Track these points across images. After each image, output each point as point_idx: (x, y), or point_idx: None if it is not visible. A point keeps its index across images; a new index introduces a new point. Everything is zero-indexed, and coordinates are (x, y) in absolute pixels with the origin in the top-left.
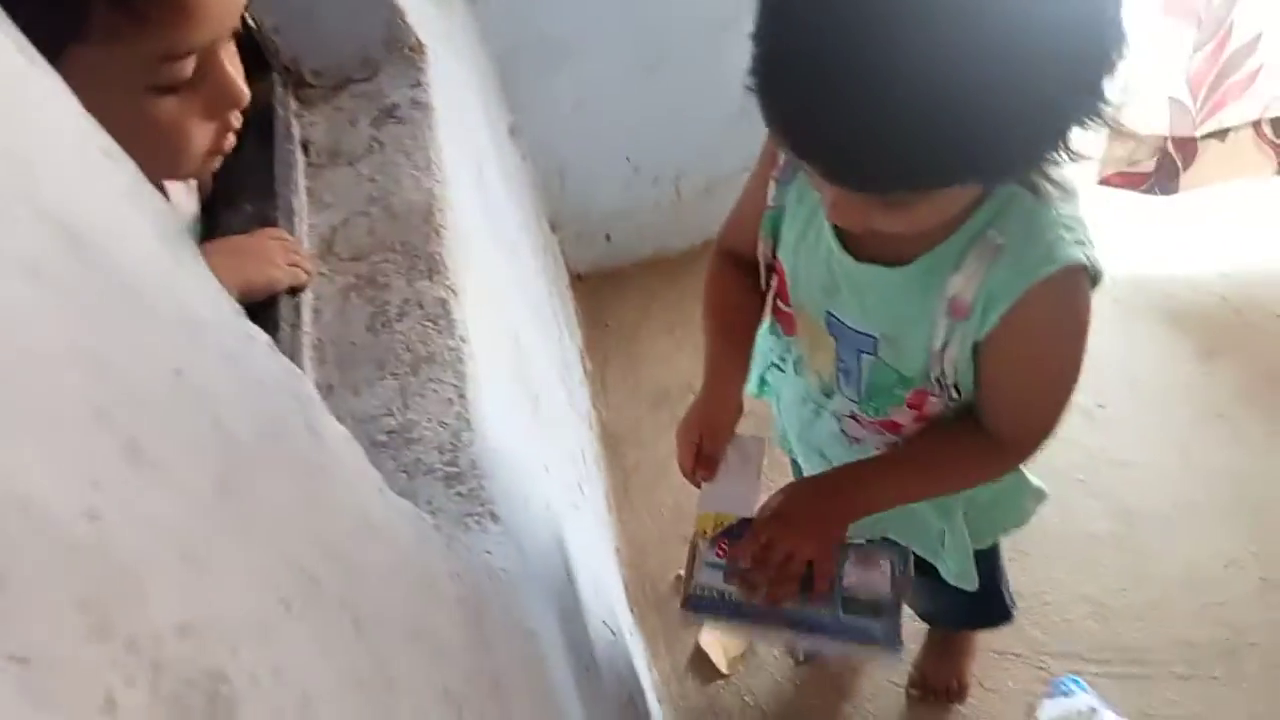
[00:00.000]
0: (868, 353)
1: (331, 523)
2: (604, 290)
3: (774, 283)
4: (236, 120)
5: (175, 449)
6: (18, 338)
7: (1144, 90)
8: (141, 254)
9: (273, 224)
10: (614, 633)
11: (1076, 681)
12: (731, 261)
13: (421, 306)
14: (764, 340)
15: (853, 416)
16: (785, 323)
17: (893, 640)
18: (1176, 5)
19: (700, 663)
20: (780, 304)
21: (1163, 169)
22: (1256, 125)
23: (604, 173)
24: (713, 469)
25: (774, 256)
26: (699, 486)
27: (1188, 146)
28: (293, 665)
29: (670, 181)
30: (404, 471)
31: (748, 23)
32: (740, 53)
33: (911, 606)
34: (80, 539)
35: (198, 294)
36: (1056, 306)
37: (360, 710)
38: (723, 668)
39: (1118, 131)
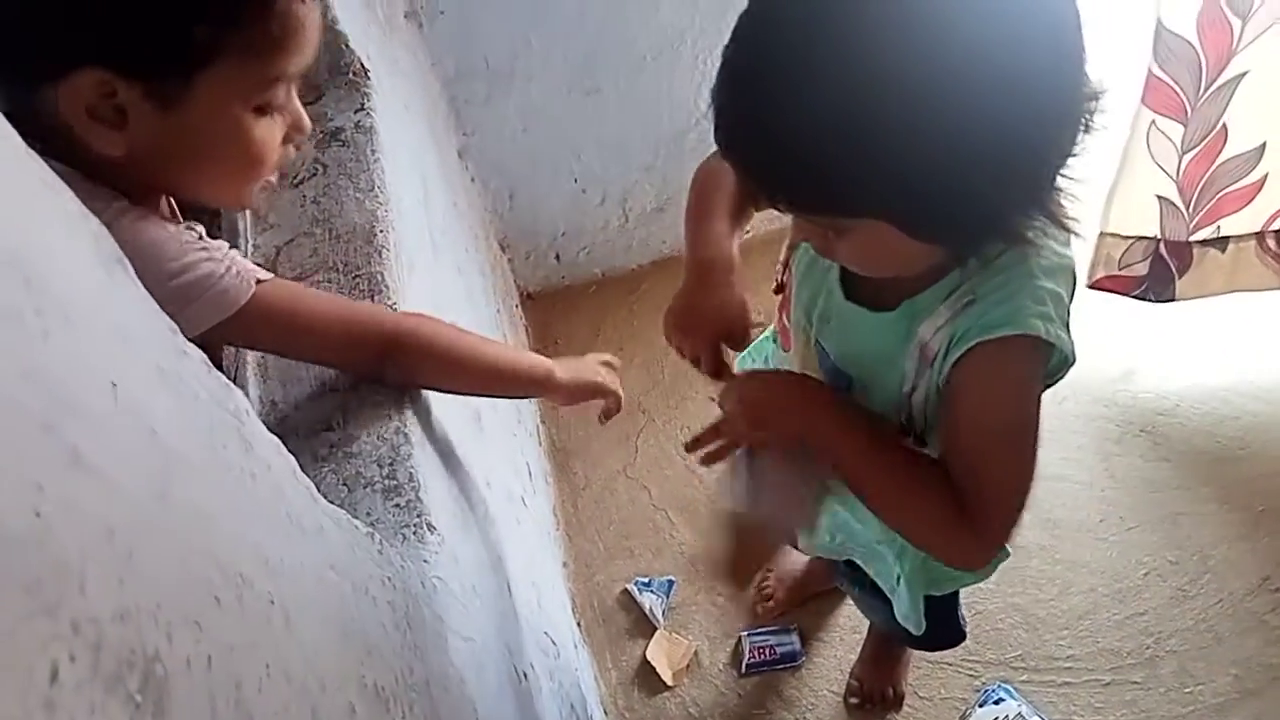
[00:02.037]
0: (843, 387)
1: (260, 526)
2: (554, 309)
3: (785, 293)
4: (292, 153)
5: (113, 456)
6: None
7: (1131, 189)
8: (78, 276)
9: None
10: (555, 643)
11: (1006, 689)
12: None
13: None
14: (764, 346)
15: None
16: (784, 337)
17: None
18: (1160, 101)
19: (646, 675)
20: (784, 317)
21: (1156, 273)
22: (1260, 236)
23: (552, 194)
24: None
25: (786, 268)
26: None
27: (1182, 251)
28: (223, 654)
29: (617, 202)
30: (344, 484)
31: (673, 55)
32: (673, 77)
33: (868, 618)
34: (23, 533)
35: (133, 312)
36: (996, 367)
37: (290, 701)
38: (668, 680)
39: (1104, 233)
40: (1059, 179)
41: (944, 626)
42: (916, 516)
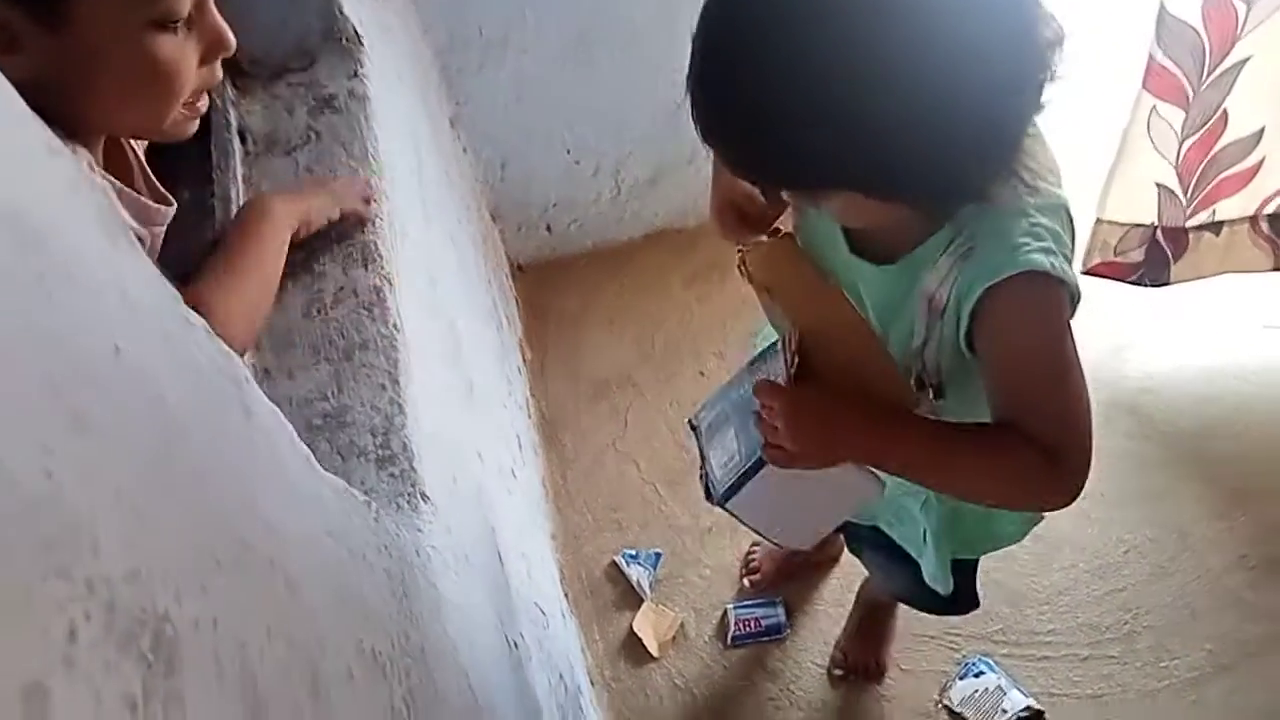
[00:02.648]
0: None
1: (260, 492)
2: (545, 281)
3: None
4: (217, 73)
5: (118, 419)
6: None
7: (1129, 176)
8: (83, 241)
9: (210, 212)
10: (544, 613)
11: (986, 662)
12: None
13: (356, 294)
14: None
15: None
16: None
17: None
18: (1162, 86)
19: (632, 646)
20: None
21: (1152, 259)
22: (1253, 220)
23: (544, 165)
24: (761, 225)
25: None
26: (742, 257)
27: (1178, 237)
28: (228, 616)
29: (610, 174)
30: (339, 454)
31: (672, 21)
32: (668, 49)
33: (885, 588)
34: (38, 494)
35: (137, 279)
36: (1018, 308)
37: (291, 663)
38: (654, 651)
39: (1101, 220)
40: (1022, 136)
41: (964, 590)
42: (999, 490)
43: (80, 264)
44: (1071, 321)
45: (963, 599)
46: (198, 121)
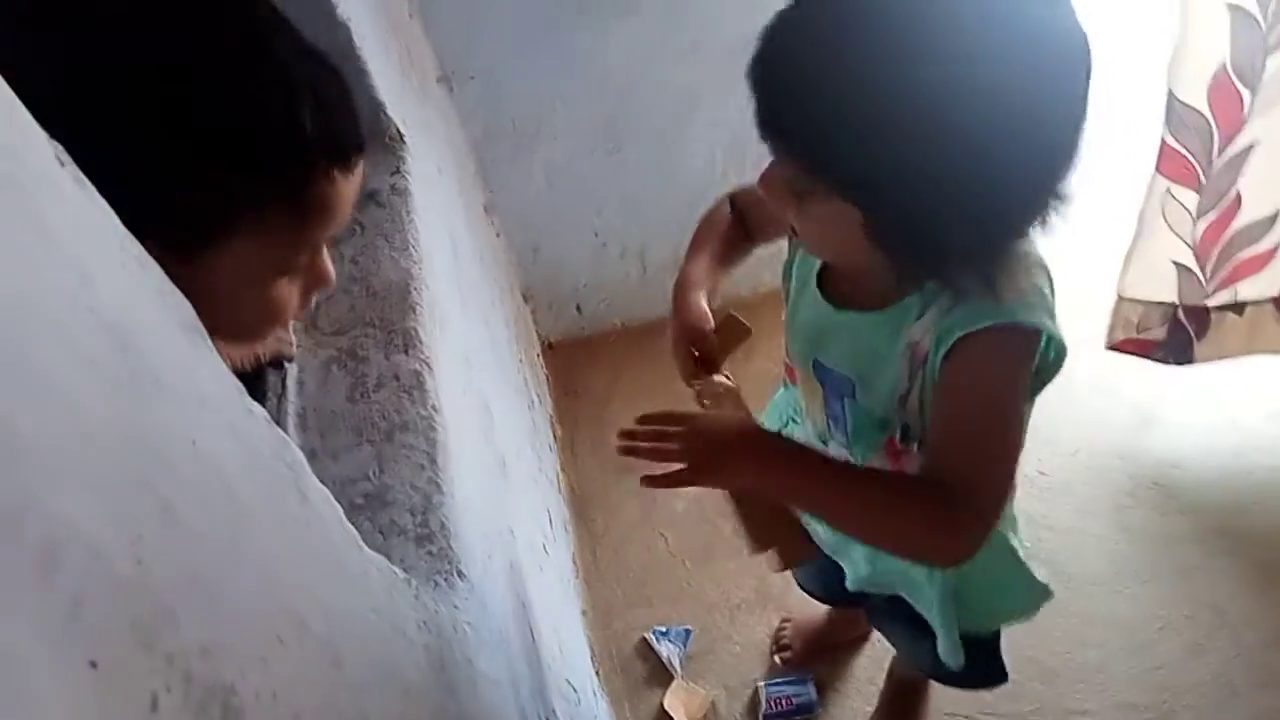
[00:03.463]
0: (848, 396)
1: (314, 571)
2: (575, 359)
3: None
4: (313, 301)
5: (195, 508)
6: (85, 419)
7: (1147, 255)
8: (165, 343)
9: None
10: (576, 690)
11: None
12: (729, 203)
13: (398, 378)
14: (780, 396)
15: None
16: (790, 374)
17: None
18: (1174, 169)
19: None
20: (787, 356)
21: (1174, 338)
22: (1277, 301)
23: (574, 247)
24: (712, 366)
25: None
26: (697, 392)
27: (1200, 316)
28: (286, 690)
29: (636, 256)
30: (379, 532)
31: (691, 113)
32: (690, 138)
33: (908, 660)
34: (130, 577)
35: (208, 375)
36: (981, 353)
37: None
38: None
39: (1122, 297)
40: (1000, 248)
41: (985, 663)
42: (893, 529)
43: (163, 364)
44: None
45: (988, 672)
46: None
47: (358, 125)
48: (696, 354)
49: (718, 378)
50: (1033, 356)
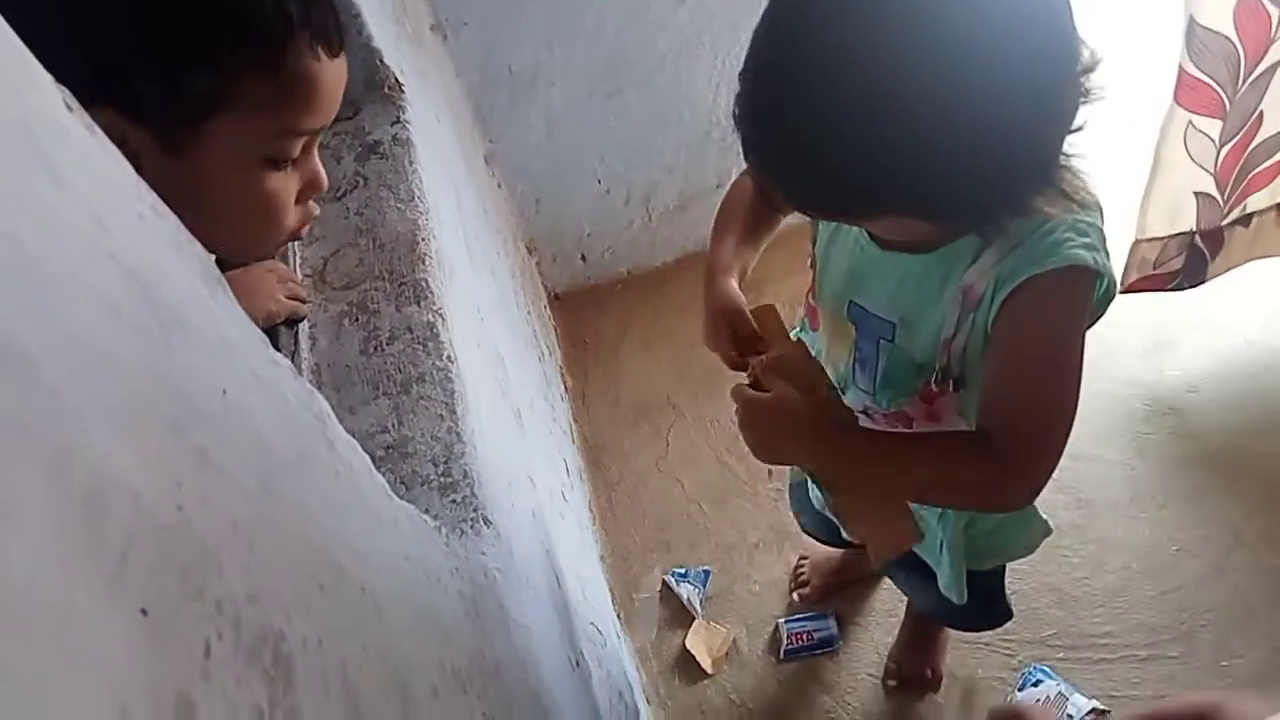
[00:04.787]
0: (886, 339)
1: (348, 519)
2: (582, 309)
3: (811, 278)
4: (316, 209)
5: (229, 455)
6: (115, 367)
7: (1166, 191)
8: (187, 292)
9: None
10: (601, 632)
11: (1043, 669)
12: (750, 177)
13: (410, 330)
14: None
15: (865, 411)
16: (812, 317)
17: None
18: (1196, 100)
19: (686, 664)
20: (810, 298)
21: (1190, 263)
22: (1279, 207)
23: (576, 196)
24: (756, 347)
25: (813, 250)
26: (746, 371)
27: (1215, 236)
28: (330, 636)
29: (640, 202)
30: (402, 483)
31: (694, 51)
32: (691, 79)
33: (911, 597)
34: (173, 524)
35: (231, 325)
36: (1048, 299)
37: (385, 680)
38: (708, 668)
39: (1139, 239)
40: (1062, 154)
41: (989, 604)
42: (954, 497)
43: (188, 314)
44: (1104, 315)
45: (989, 611)
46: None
47: (338, 21)
48: (735, 336)
49: (771, 354)
50: (1092, 298)
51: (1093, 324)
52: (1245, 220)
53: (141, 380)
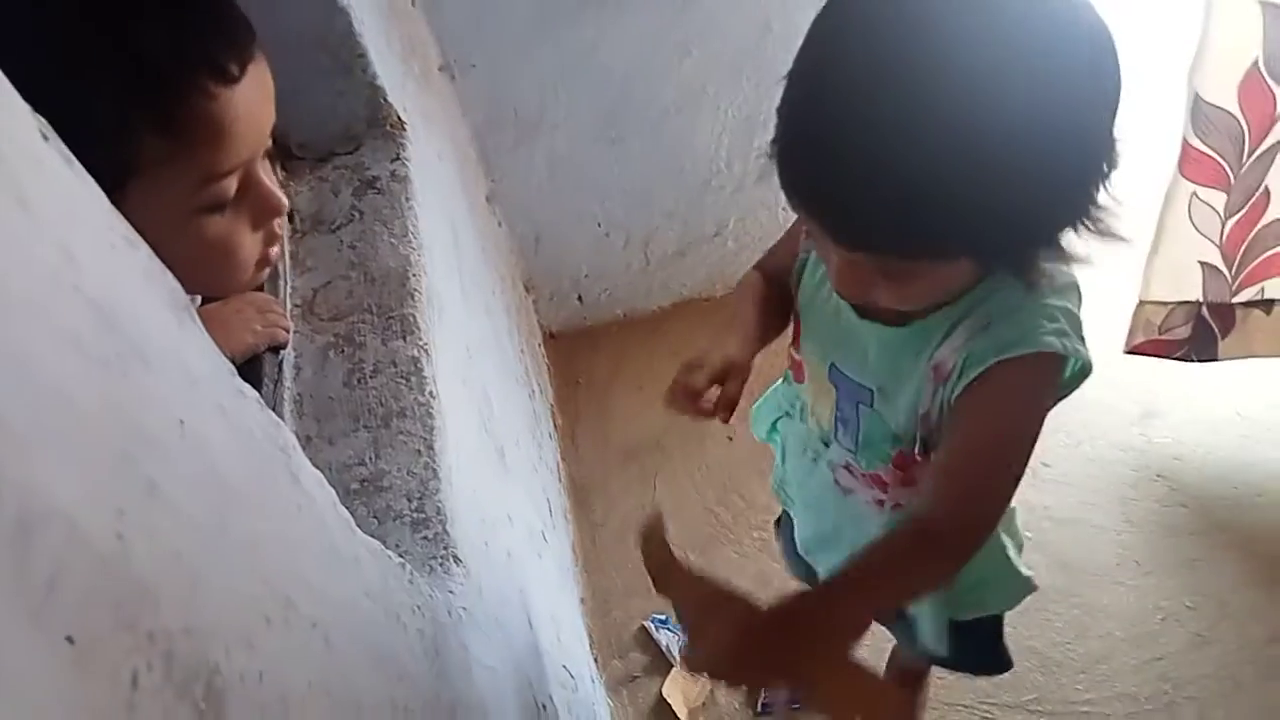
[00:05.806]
0: (865, 404)
1: (304, 554)
2: (576, 348)
3: (792, 329)
4: (280, 228)
5: (180, 486)
6: (66, 396)
7: (1171, 258)
8: (152, 322)
9: (259, 290)
10: (573, 676)
11: None
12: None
13: (395, 364)
14: (779, 389)
15: (846, 467)
16: (796, 370)
17: None
18: (1201, 172)
19: (661, 712)
20: (794, 351)
21: (1199, 335)
22: None
23: (576, 237)
24: (732, 409)
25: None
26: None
27: (1225, 313)
28: (272, 671)
29: (639, 246)
30: (375, 517)
31: (695, 106)
32: (693, 128)
33: (907, 648)
34: (110, 554)
35: (198, 356)
36: (1013, 385)
37: (329, 716)
38: (683, 717)
39: (1144, 301)
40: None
41: (986, 652)
42: (913, 586)
43: (150, 344)
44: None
45: (988, 660)
46: (269, 268)
47: (234, 30)
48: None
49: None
50: (1057, 382)
51: (1064, 397)
52: (1265, 306)
53: (94, 411)
